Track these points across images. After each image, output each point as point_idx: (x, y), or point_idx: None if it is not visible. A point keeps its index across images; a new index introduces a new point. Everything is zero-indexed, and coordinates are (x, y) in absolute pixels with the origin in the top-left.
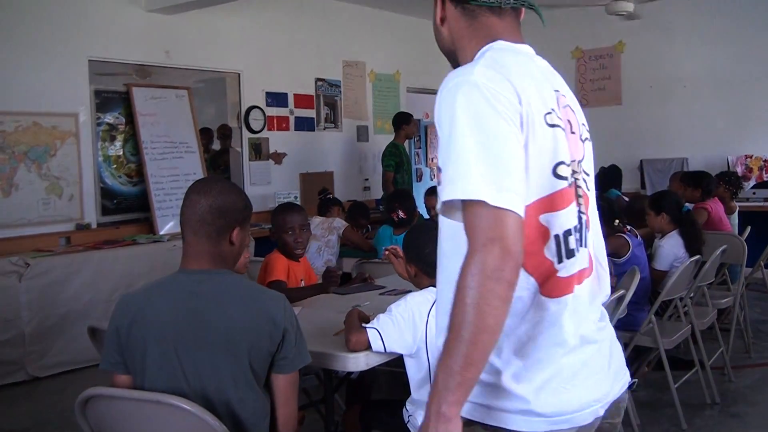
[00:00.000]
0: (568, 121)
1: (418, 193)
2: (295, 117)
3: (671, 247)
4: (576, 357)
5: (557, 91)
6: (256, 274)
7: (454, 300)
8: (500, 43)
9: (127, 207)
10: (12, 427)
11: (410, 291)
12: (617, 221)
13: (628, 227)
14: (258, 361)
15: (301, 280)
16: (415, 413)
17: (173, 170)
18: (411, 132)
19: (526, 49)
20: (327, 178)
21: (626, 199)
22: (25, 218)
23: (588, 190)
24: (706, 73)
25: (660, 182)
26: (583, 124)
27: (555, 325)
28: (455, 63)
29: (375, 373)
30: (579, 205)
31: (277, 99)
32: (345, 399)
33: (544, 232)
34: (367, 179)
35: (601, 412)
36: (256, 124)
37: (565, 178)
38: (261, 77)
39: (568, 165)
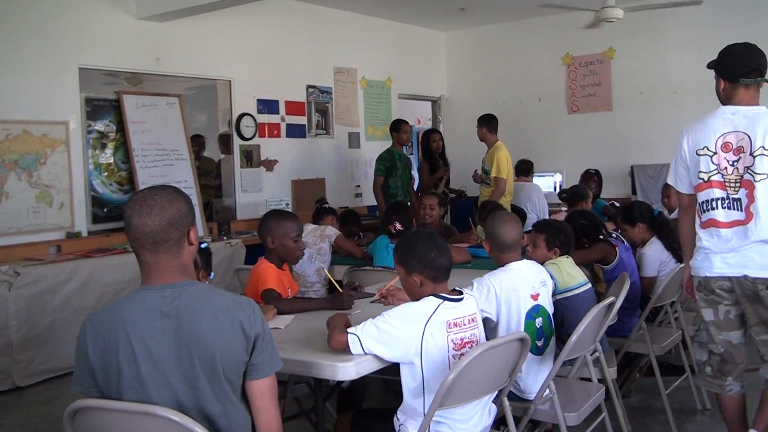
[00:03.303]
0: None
1: None
2: (287, 124)
3: (654, 252)
4: (714, 251)
5: (725, 133)
6: (245, 282)
7: None
8: (721, 108)
9: (118, 215)
10: None
11: None
12: (602, 236)
13: (614, 234)
14: (232, 372)
15: (288, 289)
16: (406, 422)
17: (164, 178)
18: (402, 139)
19: (736, 109)
20: (319, 185)
21: (617, 205)
22: (15, 227)
23: (756, 181)
24: (695, 79)
25: (650, 188)
26: (762, 147)
27: (704, 239)
28: None
29: (366, 382)
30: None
31: (268, 106)
32: (336, 407)
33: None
34: (358, 186)
35: (727, 272)
36: (247, 131)
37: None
38: (252, 84)
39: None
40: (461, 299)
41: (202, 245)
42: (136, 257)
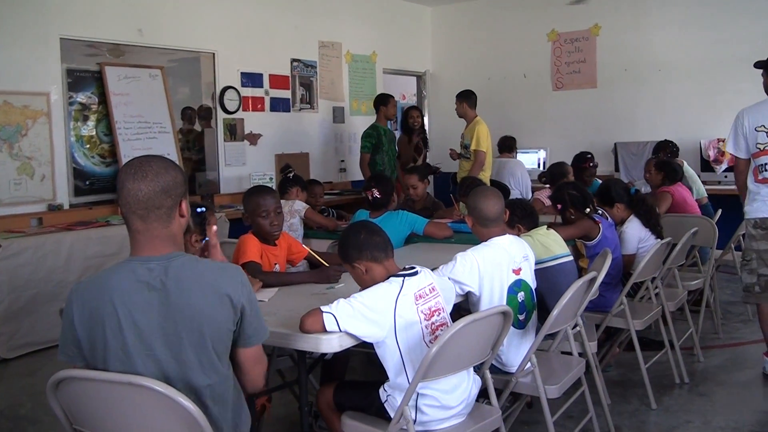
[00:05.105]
0: None
1: None
2: (271, 98)
3: (633, 230)
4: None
5: None
6: (230, 255)
7: None
8: None
9: (100, 188)
10: None
11: None
12: (588, 209)
13: (599, 210)
14: (220, 343)
15: (275, 265)
16: (393, 393)
17: (147, 150)
18: (390, 113)
19: None
20: (303, 159)
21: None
22: None
23: None
24: (680, 57)
25: (633, 165)
26: None
27: (762, 191)
28: None
29: (349, 355)
30: None
31: (252, 79)
32: (319, 380)
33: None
34: (342, 160)
35: None
36: (231, 105)
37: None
38: (236, 57)
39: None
40: (417, 272)
41: (199, 209)
42: (126, 224)
